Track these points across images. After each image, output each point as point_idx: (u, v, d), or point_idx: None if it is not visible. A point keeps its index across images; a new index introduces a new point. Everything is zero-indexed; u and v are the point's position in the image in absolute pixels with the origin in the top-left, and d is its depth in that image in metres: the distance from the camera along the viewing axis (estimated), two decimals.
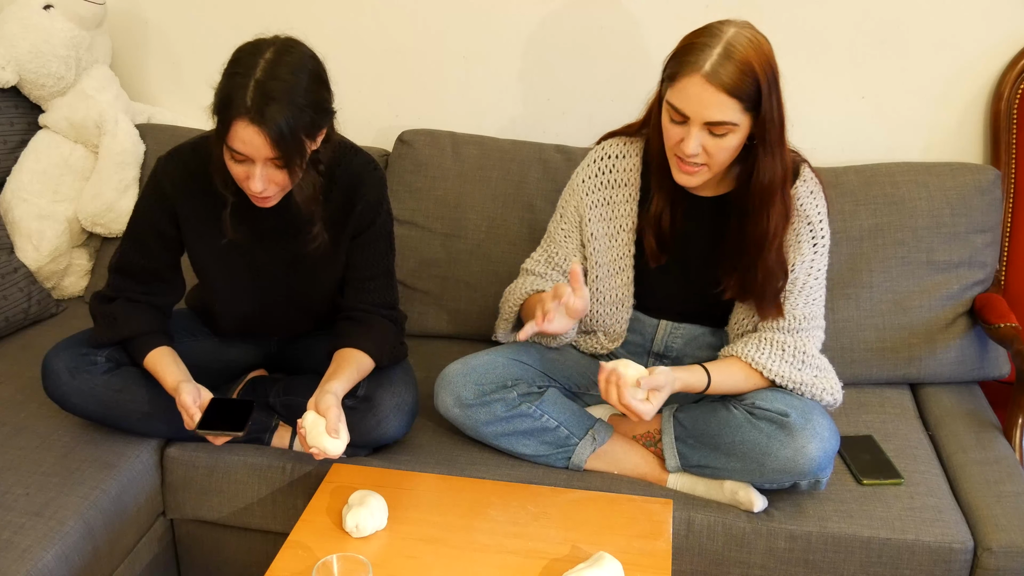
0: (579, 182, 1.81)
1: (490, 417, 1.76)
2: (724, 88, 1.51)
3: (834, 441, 1.64)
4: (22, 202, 2.32)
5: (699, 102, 1.53)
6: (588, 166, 1.81)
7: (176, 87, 2.56)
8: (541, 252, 1.87)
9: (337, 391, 1.66)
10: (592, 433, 1.77)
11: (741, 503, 1.69)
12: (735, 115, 1.53)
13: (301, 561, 1.48)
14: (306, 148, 1.56)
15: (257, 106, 1.49)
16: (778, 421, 1.62)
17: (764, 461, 1.62)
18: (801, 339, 1.70)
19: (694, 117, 1.54)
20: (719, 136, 1.55)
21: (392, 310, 1.84)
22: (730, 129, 1.55)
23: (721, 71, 1.50)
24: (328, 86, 1.61)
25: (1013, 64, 2.14)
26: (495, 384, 1.76)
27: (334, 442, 1.59)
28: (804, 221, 1.70)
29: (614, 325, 1.84)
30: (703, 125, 1.55)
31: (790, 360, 1.68)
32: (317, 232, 1.70)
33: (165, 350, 1.76)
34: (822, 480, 1.66)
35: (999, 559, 1.60)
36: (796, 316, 1.70)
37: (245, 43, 1.57)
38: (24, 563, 1.53)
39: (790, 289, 1.70)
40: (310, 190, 1.65)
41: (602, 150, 1.80)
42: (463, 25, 2.35)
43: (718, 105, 1.52)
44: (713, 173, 1.63)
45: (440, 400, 1.79)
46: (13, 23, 2.28)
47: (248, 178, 1.56)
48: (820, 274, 1.74)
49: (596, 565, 1.41)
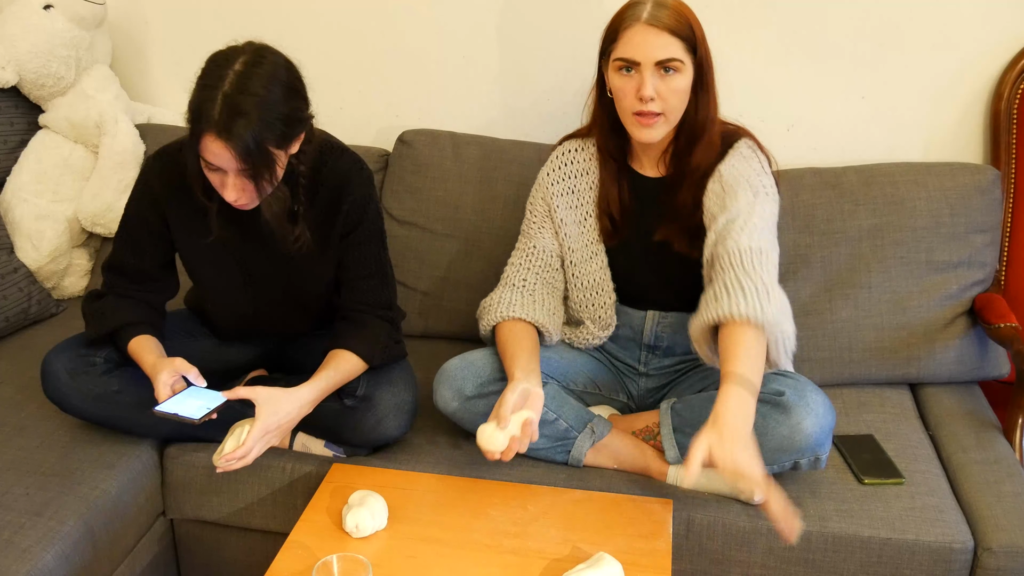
0: (544, 175, 1.91)
1: (488, 409, 1.76)
2: (667, 28, 1.63)
3: (829, 417, 1.64)
4: (22, 202, 2.32)
5: (646, 44, 1.64)
6: (550, 162, 1.91)
7: (176, 87, 2.56)
8: (518, 254, 1.91)
9: (305, 398, 1.68)
10: (591, 426, 1.78)
11: (742, 491, 1.69)
12: (680, 52, 1.64)
13: (301, 561, 1.48)
14: (275, 160, 1.55)
15: (224, 121, 1.48)
16: (772, 401, 1.63)
17: (761, 441, 1.62)
18: (756, 273, 1.60)
19: (644, 60, 1.64)
20: (669, 75, 1.65)
21: (387, 310, 1.84)
22: (678, 67, 1.65)
23: (660, 14, 1.64)
24: (302, 95, 1.60)
25: (1013, 64, 2.14)
26: (494, 376, 1.77)
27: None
28: (742, 178, 1.71)
29: (599, 311, 1.87)
30: (654, 67, 1.64)
31: (752, 293, 1.58)
32: (300, 233, 1.70)
33: (147, 337, 1.75)
34: (821, 457, 1.66)
35: (999, 559, 1.60)
36: (742, 249, 1.61)
37: (216, 52, 1.56)
38: (24, 563, 1.53)
39: (731, 226, 1.65)
40: (279, 206, 1.65)
41: (561, 148, 1.91)
42: (463, 25, 2.35)
43: (664, 44, 1.63)
44: (669, 123, 1.70)
45: (439, 395, 1.79)
46: (13, 23, 2.28)
47: (223, 186, 1.57)
48: (764, 214, 1.68)
49: (596, 565, 1.41)
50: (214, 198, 1.65)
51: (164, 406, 1.60)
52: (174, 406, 1.60)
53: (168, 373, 1.63)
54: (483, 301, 1.90)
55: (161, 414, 1.59)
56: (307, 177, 1.68)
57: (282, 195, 1.66)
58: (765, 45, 2.23)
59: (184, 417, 1.58)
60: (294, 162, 1.63)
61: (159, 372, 1.63)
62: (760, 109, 2.28)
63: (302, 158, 1.65)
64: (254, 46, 1.57)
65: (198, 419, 1.57)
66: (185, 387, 1.65)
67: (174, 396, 1.62)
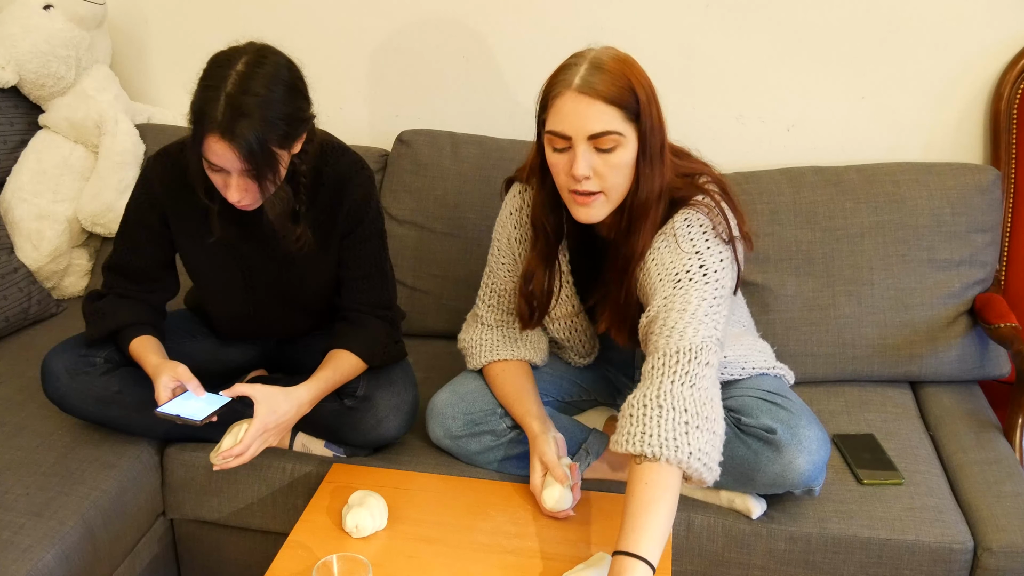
0: (507, 214, 1.76)
1: (481, 447, 1.76)
2: (599, 96, 1.43)
3: (823, 452, 1.60)
4: (22, 202, 2.32)
5: (576, 115, 1.44)
6: (509, 202, 1.76)
7: (176, 87, 2.56)
8: (488, 292, 1.81)
9: (303, 398, 1.68)
10: (585, 448, 1.76)
11: (738, 510, 1.68)
12: (617, 123, 1.45)
13: (301, 561, 1.48)
14: (278, 160, 1.55)
15: (227, 121, 1.48)
16: (764, 438, 1.58)
17: (754, 476, 1.61)
18: (688, 381, 1.42)
19: (576, 134, 1.45)
20: (607, 151, 1.46)
21: (387, 309, 1.84)
22: (616, 141, 1.46)
23: (592, 80, 1.44)
24: (304, 94, 1.60)
25: (1013, 64, 2.14)
26: (484, 412, 1.76)
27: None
28: (664, 271, 1.52)
29: (578, 346, 1.83)
30: (587, 141, 1.45)
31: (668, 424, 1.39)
32: (301, 232, 1.70)
33: (148, 338, 1.75)
34: (815, 488, 1.64)
35: (999, 559, 1.60)
36: (683, 348, 1.44)
37: (218, 52, 1.56)
38: (24, 563, 1.53)
39: (651, 326, 1.49)
40: (281, 206, 1.65)
41: (515, 188, 1.76)
42: (463, 25, 2.35)
43: (596, 115, 1.44)
44: (612, 201, 1.52)
45: (430, 430, 1.79)
46: (13, 23, 2.28)
47: (226, 187, 1.57)
48: (693, 300, 1.48)
49: (596, 565, 1.41)
50: (216, 198, 1.65)
51: (166, 407, 1.60)
52: (176, 407, 1.60)
53: (169, 377, 1.63)
54: (462, 337, 1.86)
55: (163, 415, 1.59)
56: (308, 177, 1.68)
57: (284, 195, 1.66)
58: (765, 45, 2.23)
59: (186, 418, 1.58)
60: (296, 162, 1.63)
61: (160, 375, 1.63)
62: (760, 109, 2.28)
63: (304, 158, 1.65)
64: (256, 46, 1.57)
65: (200, 420, 1.57)
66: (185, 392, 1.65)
67: (175, 398, 1.62)
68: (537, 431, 1.66)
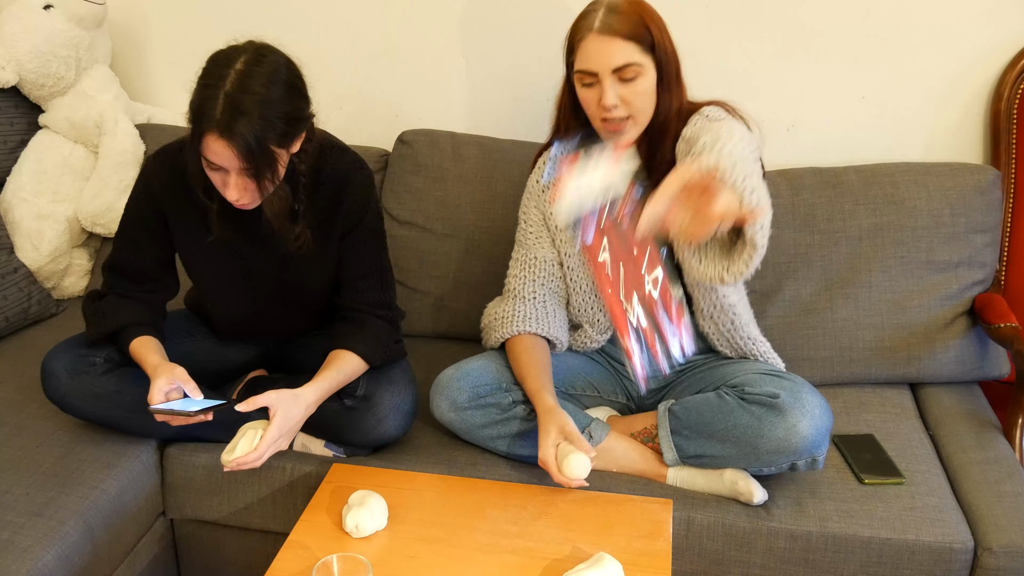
0: (533, 183, 1.91)
1: (485, 420, 1.77)
2: (619, 34, 1.62)
3: (826, 418, 1.64)
4: (22, 202, 2.32)
5: (600, 53, 1.63)
6: (538, 169, 1.91)
7: (176, 87, 2.56)
8: (518, 265, 1.89)
9: (309, 400, 1.68)
10: (588, 431, 1.78)
11: (741, 494, 1.69)
12: (636, 55, 1.63)
13: (301, 561, 1.48)
14: (277, 158, 1.55)
15: (226, 120, 1.48)
16: (768, 403, 1.63)
17: (758, 443, 1.64)
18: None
19: (602, 70, 1.64)
20: (630, 80, 1.64)
21: (387, 310, 1.84)
22: (637, 71, 1.64)
23: (611, 21, 1.63)
24: (303, 93, 1.60)
25: (1013, 64, 2.14)
26: (490, 386, 1.77)
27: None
28: (701, 130, 1.63)
29: (597, 315, 1.88)
30: (612, 74, 1.64)
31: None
32: (300, 232, 1.70)
33: (148, 338, 1.75)
34: (819, 458, 1.66)
35: (999, 559, 1.60)
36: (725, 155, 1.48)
37: (217, 51, 1.56)
38: (24, 563, 1.53)
39: (701, 153, 1.53)
40: (280, 205, 1.66)
41: (547, 154, 1.88)
42: (463, 25, 2.35)
43: (618, 50, 1.63)
44: (639, 125, 1.70)
45: (435, 404, 1.80)
46: (13, 23, 2.28)
47: (225, 186, 1.57)
48: (736, 131, 1.57)
49: (596, 565, 1.41)
50: (215, 198, 1.65)
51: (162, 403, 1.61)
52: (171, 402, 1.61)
53: (166, 380, 1.63)
54: (489, 311, 1.90)
55: (156, 410, 1.60)
56: (308, 176, 1.68)
57: (283, 194, 1.66)
58: (765, 45, 2.23)
59: (179, 411, 1.58)
60: (295, 161, 1.63)
61: (157, 377, 1.63)
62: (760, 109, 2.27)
63: (303, 157, 1.65)
64: (255, 45, 1.57)
65: (193, 411, 1.58)
66: (181, 397, 1.65)
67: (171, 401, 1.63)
68: (551, 404, 1.69)
